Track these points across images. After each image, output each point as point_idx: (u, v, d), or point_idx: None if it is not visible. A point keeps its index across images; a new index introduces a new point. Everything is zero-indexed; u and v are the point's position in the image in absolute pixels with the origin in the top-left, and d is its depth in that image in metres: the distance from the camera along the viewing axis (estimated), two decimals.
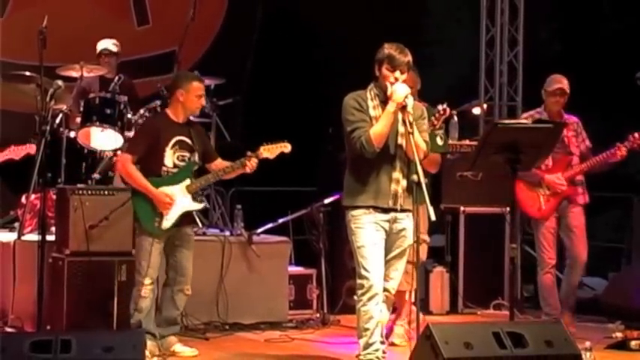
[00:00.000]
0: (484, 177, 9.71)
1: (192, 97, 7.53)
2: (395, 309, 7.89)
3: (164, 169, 7.49)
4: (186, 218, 7.57)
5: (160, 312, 7.71)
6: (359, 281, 6.86)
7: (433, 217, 6.60)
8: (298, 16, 11.91)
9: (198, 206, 7.63)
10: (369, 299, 6.82)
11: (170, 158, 7.48)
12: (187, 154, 7.54)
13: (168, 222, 7.43)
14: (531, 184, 8.64)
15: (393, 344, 7.91)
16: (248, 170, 7.55)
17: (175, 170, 7.50)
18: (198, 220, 9.20)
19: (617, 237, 8.77)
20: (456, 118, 10.21)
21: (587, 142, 8.77)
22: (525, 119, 8.57)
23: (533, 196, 8.66)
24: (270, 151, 7.53)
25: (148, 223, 7.46)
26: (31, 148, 7.89)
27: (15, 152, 8.02)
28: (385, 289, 6.94)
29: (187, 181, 7.49)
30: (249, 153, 7.56)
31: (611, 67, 8.54)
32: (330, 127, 9.29)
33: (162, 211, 7.41)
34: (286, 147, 7.57)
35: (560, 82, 8.62)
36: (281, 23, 11.72)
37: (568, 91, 8.61)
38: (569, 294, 8.78)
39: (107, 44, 9.69)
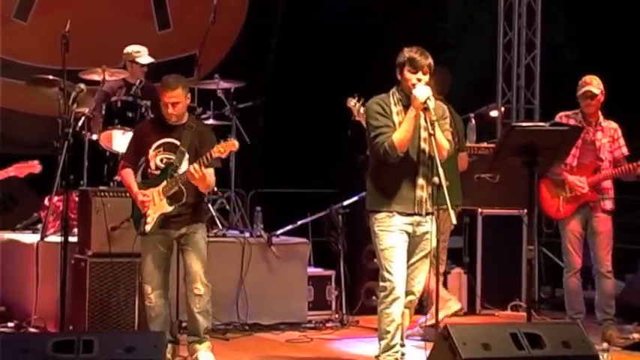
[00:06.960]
0: (502, 179, 9.71)
1: (162, 103, 7.30)
2: None
3: (149, 171, 7.36)
4: (174, 223, 7.28)
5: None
6: (382, 284, 6.86)
7: (454, 221, 6.62)
8: (318, 18, 11.96)
9: (169, 209, 7.22)
10: (392, 302, 6.81)
11: (153, 161, 7.31)
12: (173, 156, 7.28)
13: (148, 225, 7.26)
14: (555, 184, 8.43)
15: None
16: (195, 175, 7.04)
17: (157, 172, 7.30)
18: (218, 221, 9.33)
19: (634, 238, 8.74)
20: (473, 120, 10.27)
21: (624, 150, 8.43)
22: (559, 119, 8.40)
23: (554, 196, 8.45)
24: (220, 150, 7.02)
25: (137, 226, 7.38)
26: (34, 168, 7.88)
27: (19, 170, 7.93)
28: (411, 292, 6.93)
29: (164, 184, 7.24)
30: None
31: (629, 70, 8.51)
32: (348, 129, 9.32)
33: (143, 212, 7.27)
34: (234, 145, 7.05)
35: (587, 85, 8.28)
36: (301, 25, 11.77)
37: (597, 92, 8.24)
38: (604, 305, 8.38)
39: (144, 58, 9.46)
